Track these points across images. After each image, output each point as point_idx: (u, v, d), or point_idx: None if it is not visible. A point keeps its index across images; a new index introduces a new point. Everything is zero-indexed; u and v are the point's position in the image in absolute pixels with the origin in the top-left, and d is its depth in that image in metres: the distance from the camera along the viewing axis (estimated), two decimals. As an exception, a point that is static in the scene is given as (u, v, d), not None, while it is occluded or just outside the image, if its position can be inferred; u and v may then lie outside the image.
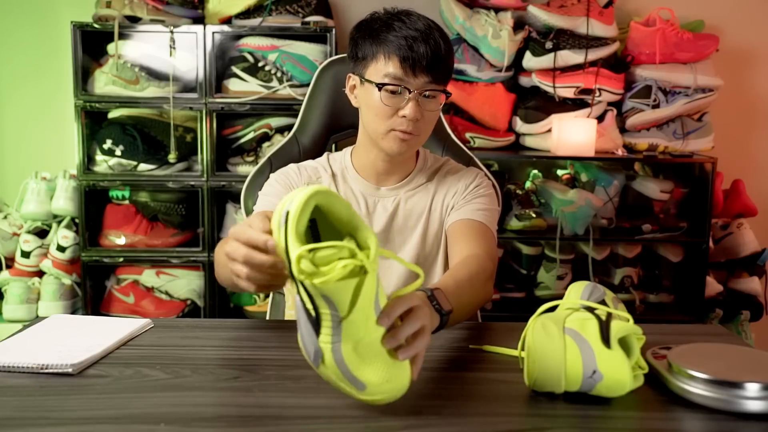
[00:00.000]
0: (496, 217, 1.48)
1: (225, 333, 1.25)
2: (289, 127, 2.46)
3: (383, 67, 1.33)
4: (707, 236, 2.51)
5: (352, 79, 1.43)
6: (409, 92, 1.32)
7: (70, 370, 1.02)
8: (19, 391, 0.97)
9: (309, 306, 0.88)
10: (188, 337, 1.20)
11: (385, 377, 0.90)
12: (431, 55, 1.31)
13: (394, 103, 1.33)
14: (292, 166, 1.50)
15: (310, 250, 0.86)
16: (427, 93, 1.34)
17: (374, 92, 1.34)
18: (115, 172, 2.49)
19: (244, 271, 0.97)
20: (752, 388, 0.91)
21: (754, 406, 0.90)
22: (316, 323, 0.89)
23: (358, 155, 1.49)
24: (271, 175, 1.49)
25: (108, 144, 2.47)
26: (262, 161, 1.67)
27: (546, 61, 2.48)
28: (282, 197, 1.42)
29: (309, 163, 1.51)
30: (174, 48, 2.43)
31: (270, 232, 0.92)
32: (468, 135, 2.50)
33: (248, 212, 1.60)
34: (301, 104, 1.73)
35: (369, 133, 1.42)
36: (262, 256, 0.94)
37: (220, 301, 2.58)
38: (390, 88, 1.33)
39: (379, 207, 1.47)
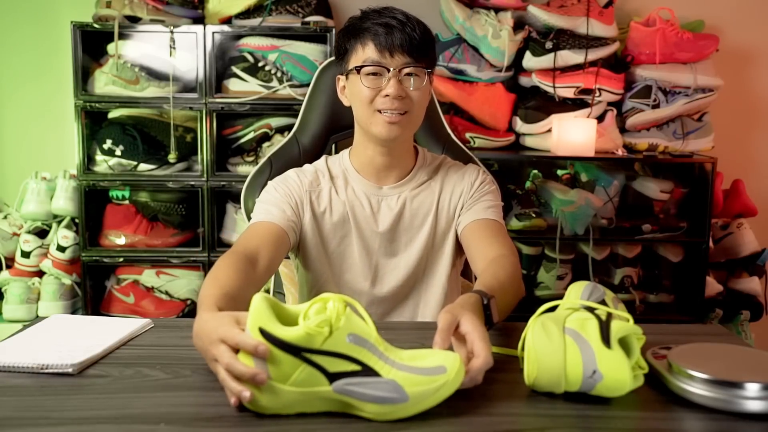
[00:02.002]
0: (502, 211, 1.52)
1: (225, 333, 1.24)
2: (289, 127, 2.46)
3: (362, 55, 1.37)
4: (707, 236, 2.51)
5: (341, 80, 1.45)
6: (388, 71, 1.35)
7: (70, 370, 1.02)
8: (19, 391, 0.97)
9: (352, 366, 0.89)
10: (188, 337, 1.19)
11: (446, 356, 0.93)
12: (406, 38, 1.35)
13: (376, 85, 1.36)
14: (290, 172, 1.50)
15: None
16: (407, 71, 1.36)
17: (357, 80, 1.37)
18: (115, 172, 2.49)
19: (222, 375, 0.92)
20: (752, 388, 0.91)
21: (754, 406, 0.90)
22: (369, 370, 0.89)
23: (357, 155, 1.49)
24: (270, 182, 1.49)
25: (108, 144, 2.47)
26: (262, 161, 1.67)
27: (546, 61, 2.48)
28: (281, 205, 1.42)
29: (307, 167, 1.52)
30: (174, 48, 2.43)
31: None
32: (468, 135, 2.50)
33: (248, 213, 1.60)
34: (301, 104, 1.74)
35: (361, 126, 1.43)
36: (243, 366, 0.89)
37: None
38: (369, 69, 1.36)
39: (384, 206, 1.47)
